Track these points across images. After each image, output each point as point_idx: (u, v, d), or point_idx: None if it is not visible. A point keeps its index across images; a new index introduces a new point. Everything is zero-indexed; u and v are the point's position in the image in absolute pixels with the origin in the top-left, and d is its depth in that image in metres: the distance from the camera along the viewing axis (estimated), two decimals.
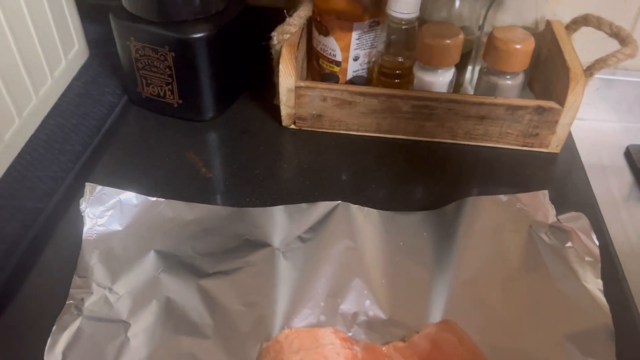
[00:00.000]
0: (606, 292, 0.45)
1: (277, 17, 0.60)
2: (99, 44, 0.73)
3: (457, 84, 0.66)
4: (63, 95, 0.65)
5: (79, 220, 0.50)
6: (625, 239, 0.58)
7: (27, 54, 0.57)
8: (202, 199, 0.53)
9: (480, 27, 0.64)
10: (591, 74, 0.57)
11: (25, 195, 0.52)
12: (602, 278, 0.45)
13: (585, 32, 0.62)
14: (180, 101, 0.61)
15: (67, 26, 0.66)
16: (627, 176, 0.66)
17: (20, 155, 0.56)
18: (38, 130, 0.60)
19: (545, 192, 0.52)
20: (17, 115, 0.56)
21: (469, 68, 0.68)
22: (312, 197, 0.54)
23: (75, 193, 0.53)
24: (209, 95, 0.61)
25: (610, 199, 0.63)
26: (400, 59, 0.60)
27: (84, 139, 0.59)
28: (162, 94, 0.61)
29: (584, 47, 0.66)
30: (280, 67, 0.58)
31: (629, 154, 0.68)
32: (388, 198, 0.55)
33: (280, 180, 0.57)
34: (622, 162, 0.68)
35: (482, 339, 0.41)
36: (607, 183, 0.65)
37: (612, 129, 0.73)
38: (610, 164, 0.68)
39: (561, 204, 0.53)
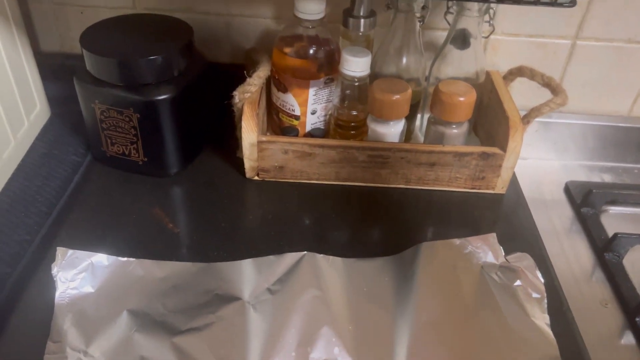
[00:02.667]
0: (553, 325, 0.49)
1: (237, 73, 0.63)
2: (60, 102, 0.74)
3: (408, 131, 0.70)
4: (26, 156, 0.66)
5: (48, 283, 0.50)
6: (569, 270, 0.63)
7: None
8: (171, 255, 0.55)
9: (427, 78, 0.70)
10: (528, 122, 0.63)
11: None
12: (549, 312, 0.49)
13: (522, 80, 0.68)
14: (145, 159, 0.63)
15: (28, 87, 0.68)
16: (568, 211, 0.72)
17: None
18: (2, 194, 0.60)
19: (494, 234, 0.56)
20: None
21: (419, 116, 0.73)
22: (277, 246, 0.56)
23: (43, 256, 0.54)
24: (174, 151, 0.64)
25: (553, 232, 0.68)
26: (354, 113, 0.65)
27: (49, 200, 0.60)
28: (127, 153, 0.63)
29: (521, 92, 0.72)
30: (243, 123, 0.61)
31: (568, 190, 0.74)
32: (349, 243, 0.58)
33: (246, 232, 0.60)
34: (562, 197, 0.74)
35: None
36: (549, 217, 0.71)
37: (552, 166, 0.79)
38: (551, 199, 0.74)
39: (508, 242, 0.57)
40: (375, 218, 0.62)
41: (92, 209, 0.61)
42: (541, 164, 0.79)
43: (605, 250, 0.64)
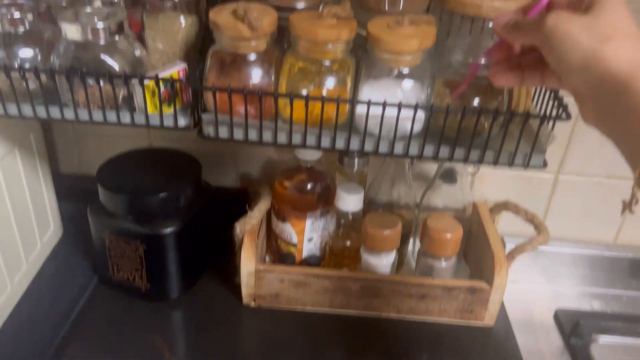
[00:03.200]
0: None
1: (241, 197, 0.67)
2: (73, 221, 0.78)
3: (400, 256, 0.73)
4: (35, 278, 0.69)
5: None
6: None
7: (6, 242, 0.62)
8: None
9: (418, 206, 0.74)
10: (513, 258, 0.66)
11: None
12: None
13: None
14: (149, 285, 0.66)
15: (44, 209, 0.72)
16: (557, 340, 0.73)
17: None
18: (10, 318, 0.63)
19: None
20: None
21: (410, 241, 0.76)
22: None
23: None
24: (175, 278, 0.67)
25: None
26: (348, 243, 0.68)
27: (54, 326, 0.63)
28: (131, 279, 0.66)
29: (508, 220, 0.75)
30: (242, 254, 0.65)
31: (557, 318, 0.76)
32: None
33: (243, 359, 0.62)
34: (552, 324, 0.76)
35: None
36: (539, 345, 0.72)
37: (543, 291, 0.81)
38: (541, 325, 0.75)
39: None
40: (369, 348, 0.64)
41: (94, 336, 0.63)
42: (531, 288, 0.81)
43: None
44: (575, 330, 0.72)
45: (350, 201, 0.66)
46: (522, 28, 0.41)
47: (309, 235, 0.70)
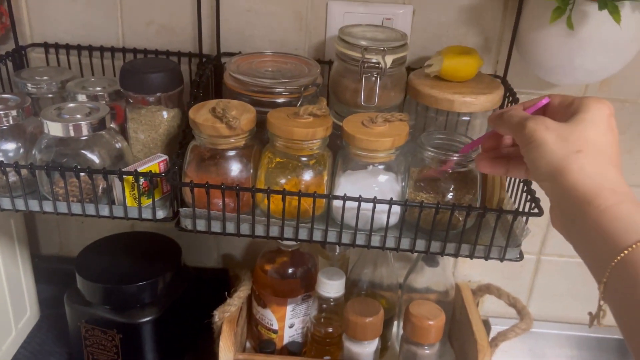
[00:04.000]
0: None
1: (221, 278, 0.66)
2: (51, 304, 0.77)
3: (384, 342, 0.72)
4: None
5: None
6: None
7: None
8: None
9: (402, 287, 0.74)
10: (496, 345, 0.65)
11: None
12: None
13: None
14: None
15: (21, 293, 0.71)
16: None
17: None
18: None
19: None
20: None
21: (395, 324, 0.75)
22: None
23: None
24: None
25: None
26: (330, 330, 0.67)
27: None
28: None
29: (492, 300, 0.75)
30: (221, 343, 0.63)
31: None
32: None
33: None
34: None
35: None
36: None
37: None
38: None
39: None
40: None
41: None
42: None
43: None
44: None
45: (331, 287, 0.65)
46: (506, 122, 0.42)
47: (289, 321, 0.69)
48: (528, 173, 0.43)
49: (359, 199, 0.49)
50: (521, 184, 0.54)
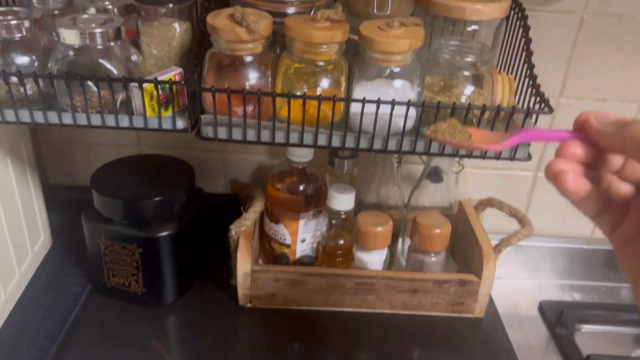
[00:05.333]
0: None
1: (231, 204, 0.68)
2: (61, 231, 0.78)
3: (390, 256, 0.75)
4: (27, 288, 0.69)
5: None
6: None
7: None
8: None
9: (406, 207, 0.76)
10: (499, 251, 0.69)
11: None
12: None
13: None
14: (144, 289, 0.66)
15: (35, 219, 0.72)
16: (543, 330, 0.76)
17: None
18: (3, 328, 0.62)
19: None
20: None
21: (400, 241, 0.78)
22: None
23: None
24: (171, 282, 0.67)
25: (529, 352, 0.72)
26: (341, 242, 0.70)
27: (50, 333, 0.62)
28: (127, 284, 0.67)
29: (493, 217, 0.78)
30: (238, 254, 0.66)
31: (542, 309, 0.79)
32: None
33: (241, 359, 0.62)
34: (537, 315, 0.79)
35: None
36: (525, 336, 0.74)
37: (526, 285, 0.84)
38: (527, 316, 0.78)
39: None
40: (364, 343, 0.66)
41: (91, 342, 0.63)
42: (515, 283, 0.84)
43: None
44: (559, 320, 0.75)
45: (342, 200, 0.67)
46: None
47: (302, 236, 0.72)
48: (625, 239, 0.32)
49: (378, 101, 0.50)
50: (529, 88, 0.56)
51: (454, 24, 0.59)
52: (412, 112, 0.53)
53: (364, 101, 0.51)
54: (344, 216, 0.69)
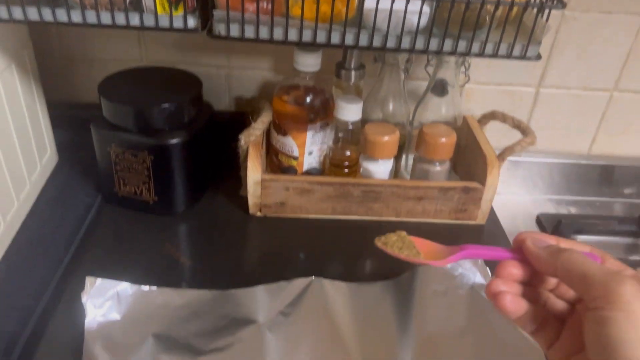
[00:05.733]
0: None
1: (235, 120, 0.69)
2: (65, 148, 0.78)
3: (395, 171, 0.77)
4: (38, 199, 0.69)
5: (72, 314, 0.54)
6: None
7: (10, 161, 0.62)
8: (185, 286, 0.59)
9: (411, 123, 0.77)
10: (503, 159, 0.71)
11: (16, 294, 0.55)
12: None
13: (494, 123, 0.76)
14: (156, 198, 0.68)
15: (41, 133, 0.72)
16: None
17: (5, 257, 0.60)
18: (19, 233, 0.63)
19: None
20: (1, 219, 0.60)
21: (403, 157, 0.80)
22: (283, 276, 0.61)
23: (63, 289, 0.57)
24: (182, 191, 0.68)
25: None
26: (348, 153, 0.71)
27: (66, 239, 0.63)
28: (138, 193, 0.67)
29: (493, 134, 0.80)
30: (248, 163, 0.67)
31: (539, 222, 0.82)
32: (350, 270, 0.63)
33: (253, 263, 0.64)
34: (534, 227, 0.82)
35: None
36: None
37: (523, 200, 0.87)
38: (524, 229, 0.81)
39: (491, 267, 0.63)
40: (371, 248, 0.67)
41: (107, 247, 0.64)
42: (513, 199, 0.87)
43: None
44: (557, 229, 0.78)
45: (350, 110, 0.68)
46: (567, 269, 0.32)
47: (309, 148, 0.73)
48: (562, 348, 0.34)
49: None
50: None
51: None
52: (426, 9, 0.53)
53: None
54: (351, 127, 0.70)
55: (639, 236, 0.80)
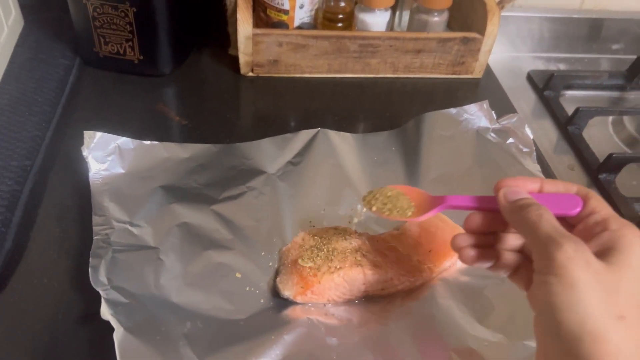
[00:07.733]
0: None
1: None
2: (31, 11, 0.71)
3: (391, 27, 0.74)
4: (11, 61, 0.64)
5: (69, 172, 0.52)
6: (538, 143, 0.71)
7: None
8: (187, 142, 0.57)
9: None
10: (502, 7, 0.68)
11: (8, 155, 0.52)
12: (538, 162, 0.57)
13: None
14: (141, 57, 0.63)
15: None
16: (532, 95, 0.79)
17: None
18: None
19: (486, 101, 0.62)
20: None
21: (397, 13, 0.76)
22: (285, 131, 0.59)
23: (57, 150, 0.55)
24: (168, 48, 0.64)
25: (520, 113, 0.75)
26: (342, 4, 0.67)
27: (50, 100, 0.59)
28: (121, 52, 0.63)
29: None
30: (238, 16, 0.62)
31: (530, 78, 0.81)
32: (350, 124, 0.62)
33: (251, 120, 0.62)
34: (526, 84, 0.81)
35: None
36: (516, 102, 0.77)
37: (515, 58, 0.86)
38: (516, 86, 0.81)
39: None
40: (369, 105, 0.67)
41: (96, 107, 0.61)
42: (504, 57, 0.86)
43: (568, 124, 0.72)
44: (547, 84, 0.78)
45: None
46: (526, 223, 0.32)
47: (300, 1, 0.68)
48: (528, 289, 0.33)
49: None
50: None
51: None
52: None
53: None
54: None
55: (627, 89, 0.81)
